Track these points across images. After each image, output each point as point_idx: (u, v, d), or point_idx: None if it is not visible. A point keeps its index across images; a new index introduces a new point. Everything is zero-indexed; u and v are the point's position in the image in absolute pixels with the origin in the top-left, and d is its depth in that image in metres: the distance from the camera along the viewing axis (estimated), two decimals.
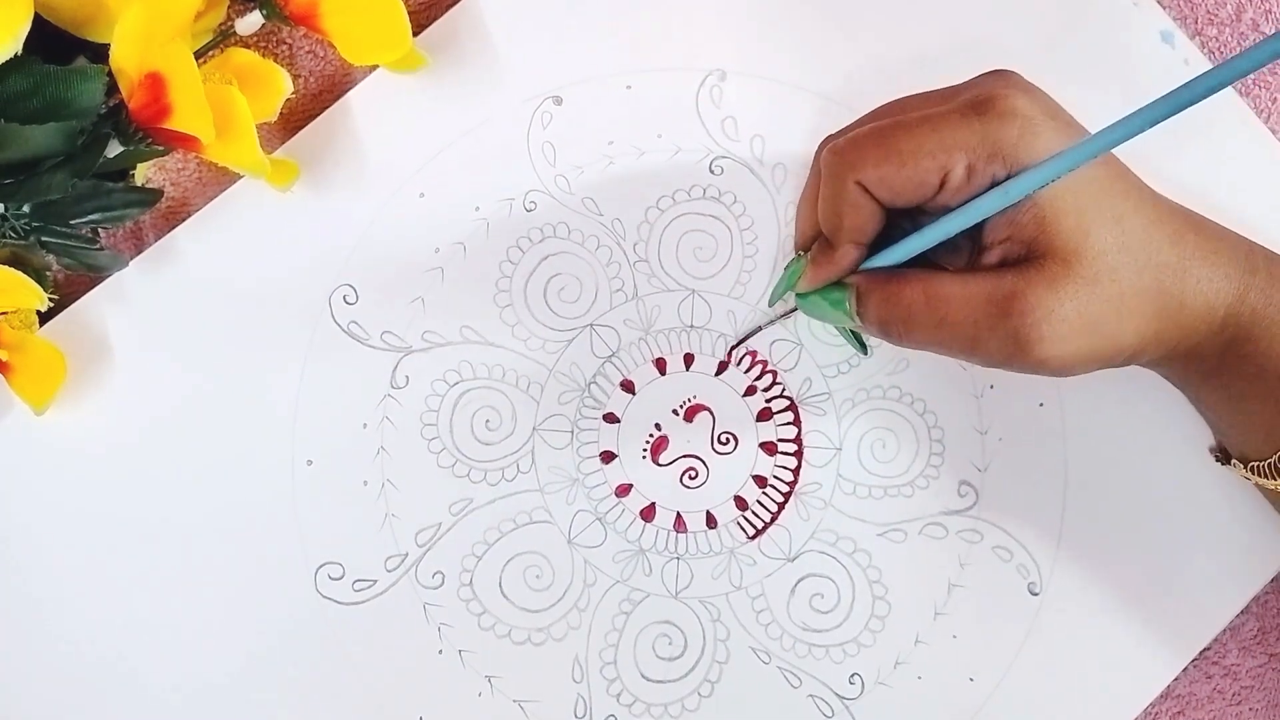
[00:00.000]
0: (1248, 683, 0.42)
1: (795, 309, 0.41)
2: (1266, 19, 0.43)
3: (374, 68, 0.42)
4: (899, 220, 0.36)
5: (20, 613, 0.41)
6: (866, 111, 0.38)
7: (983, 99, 0.33)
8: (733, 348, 0.42)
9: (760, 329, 0.42)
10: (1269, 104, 0.43)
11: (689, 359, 0.42)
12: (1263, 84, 0.43)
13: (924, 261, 0.36)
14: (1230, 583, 0.41)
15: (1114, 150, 0.31)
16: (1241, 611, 0.41)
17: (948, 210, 0.34)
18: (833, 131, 0.38)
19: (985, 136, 0.33)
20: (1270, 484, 0.36)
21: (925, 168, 0.33)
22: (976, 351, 0.34)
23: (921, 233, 0.35)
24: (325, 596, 0.41)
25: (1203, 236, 0.35)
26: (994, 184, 0.33)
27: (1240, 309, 0.34)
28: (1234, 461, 0.38)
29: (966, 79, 0.36)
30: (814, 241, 0.37)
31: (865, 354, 0.41)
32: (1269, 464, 0.36)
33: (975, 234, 0.35)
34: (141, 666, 0.41)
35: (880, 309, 0.35)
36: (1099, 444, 0.41)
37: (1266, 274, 0.35)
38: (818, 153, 0.37)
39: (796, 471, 0.42)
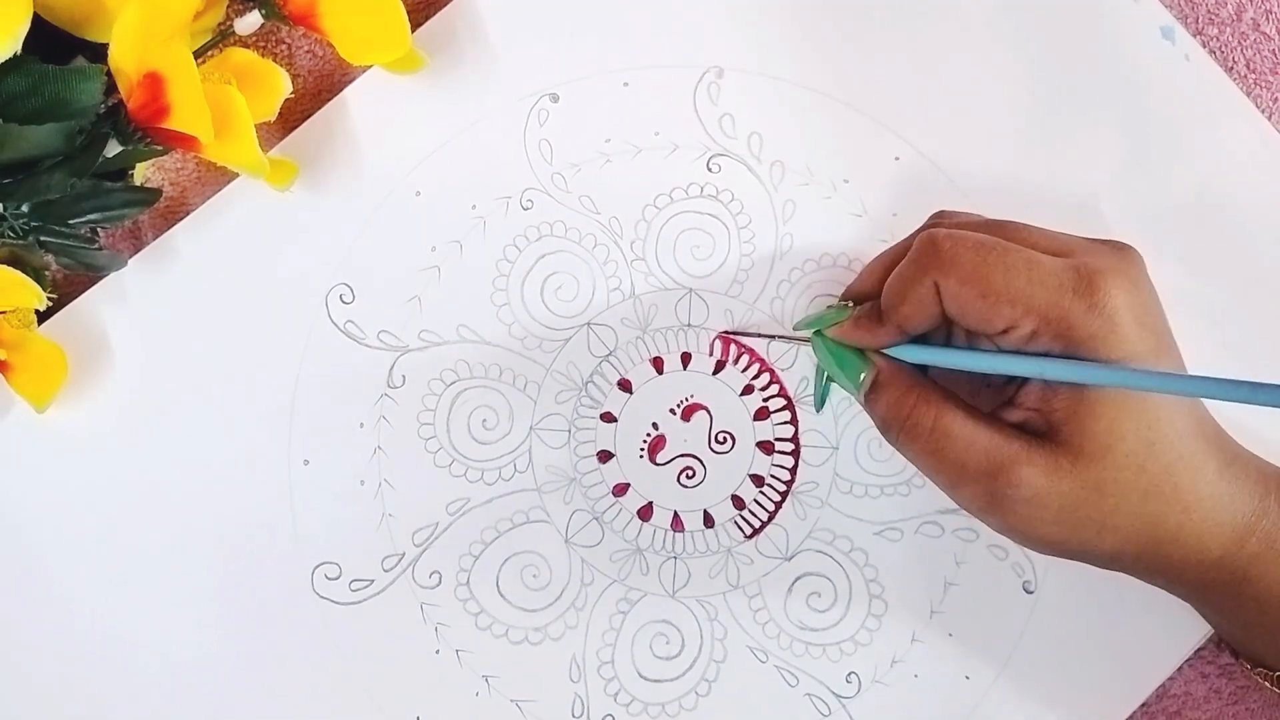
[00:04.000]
0: (1244, 683, 0.41)
1: (804, 339, 0.41)
2: (1267, 18, 0.43)
3: (372, 67, 0.42)
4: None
5: (20, 610, 0.41)
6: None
7: (1086, 278, 0.32)
8: (729, 333, 0.42)
9: (765, 337, 0.41)
10: (1270, 104, 0.43)
11: (686, 358, 0.42)
12: (1264, 83, 0.43)
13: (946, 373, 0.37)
14: None
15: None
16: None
17: (995, 346, 0.35)
18: (947, 210, 0.38)
19: (1067, 316, 0.32)
20: (1273, 688, 0.37)
21: (1000, 311, 0.33)
22: (954, 492, 0.35)
23: (961, 354, 0.35)
24: (322, 596, 0.41)
25: (1225, 475, 0.33)
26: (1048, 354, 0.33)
27: (1239, 552, 0.33)
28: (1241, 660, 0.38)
29: (1092, 236, 0.35)
30: (866, 298, 0.37)
31: (818, 410, 0.41)
32: (1276, 676, 0.36)
33: (1013, 382, 0.35)
34: (139, 664, 0.41)
35: (889, 409, 0.35)
36: None
37: (1278, 515, 0.34)
38: (924, 223, 0.37)
39: (794, 470, 0.41)
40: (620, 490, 0.42)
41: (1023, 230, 0.35)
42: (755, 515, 0.41)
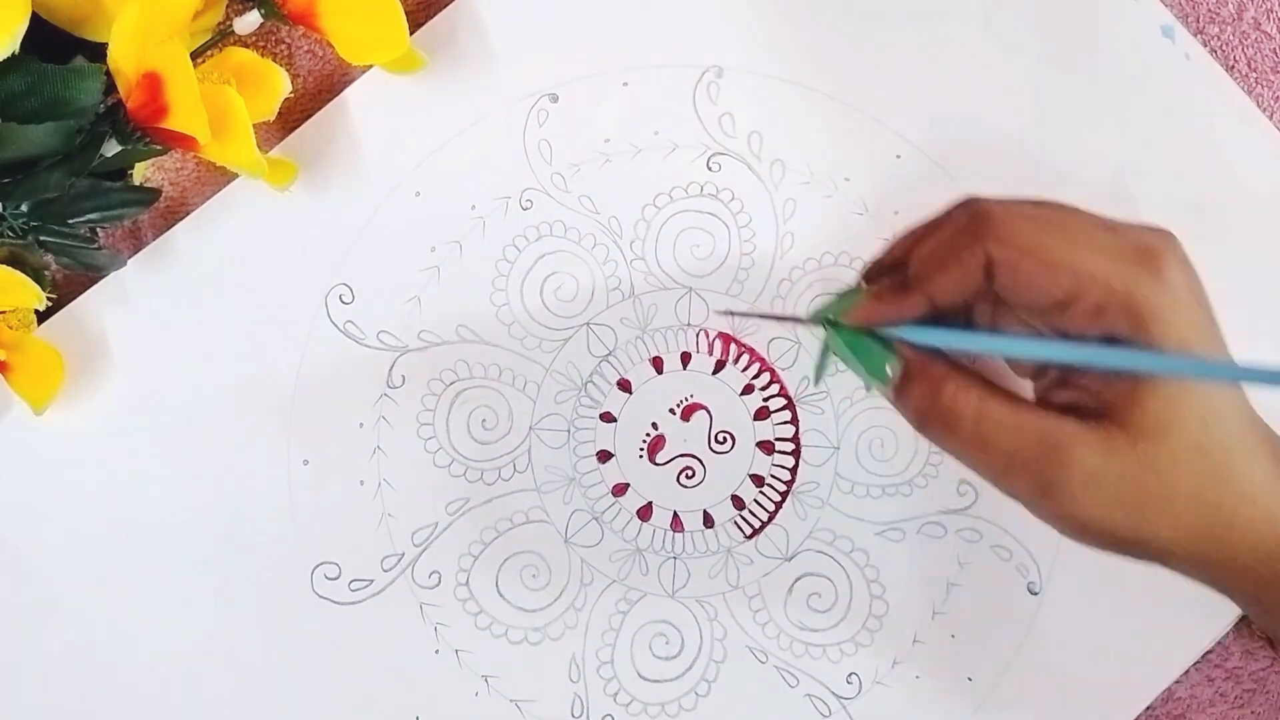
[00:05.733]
0: (1250, 686, 0.41)
1: (813, 322, 0.38)
2: (1268, 17, 0.43)
3: (372, 67, 0.42)
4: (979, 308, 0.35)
5: (19, 610, 0.41)
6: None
7: (1149, 251, 0.31)
8: (732, 312, 0.41)
9: (768, 317, 0.41)
10: (1271, 103, 0.43)
11: (686, 358, 0.42)
12: (1265, 82, 0.43)
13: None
14: None
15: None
16: (1244, 615, 0.41)
17: (1044, 326, 0.33)
18: (974, 195, 0.35)
19: (1136, 288, 0.31)
20: None
21: (1060, 281, 0.31)
22: (1003, 481, 0.33)
23: (1007, 340, 0.33)
24: (322, 596, 0.41)
25: (1279, 465, 0.32)
26: (1109, 337, 0.31)
27: None
28: None
29: (1128, 220, 0.33)
30: (882, 277, 0.35)
31: (815, 384, 0.40)
32: None
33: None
34: (139, 664, 0.41)
35: (923, 400, 0.33)
36: None
37: None
38: (954, 204, 0.35)
39: (794, 470, 0.41)
40: (620, 490, 0.41)
41: (1068, 208, 0.33)
42: (755, 515, 0.41)
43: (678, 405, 0.42)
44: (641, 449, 0.42)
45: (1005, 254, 0.31)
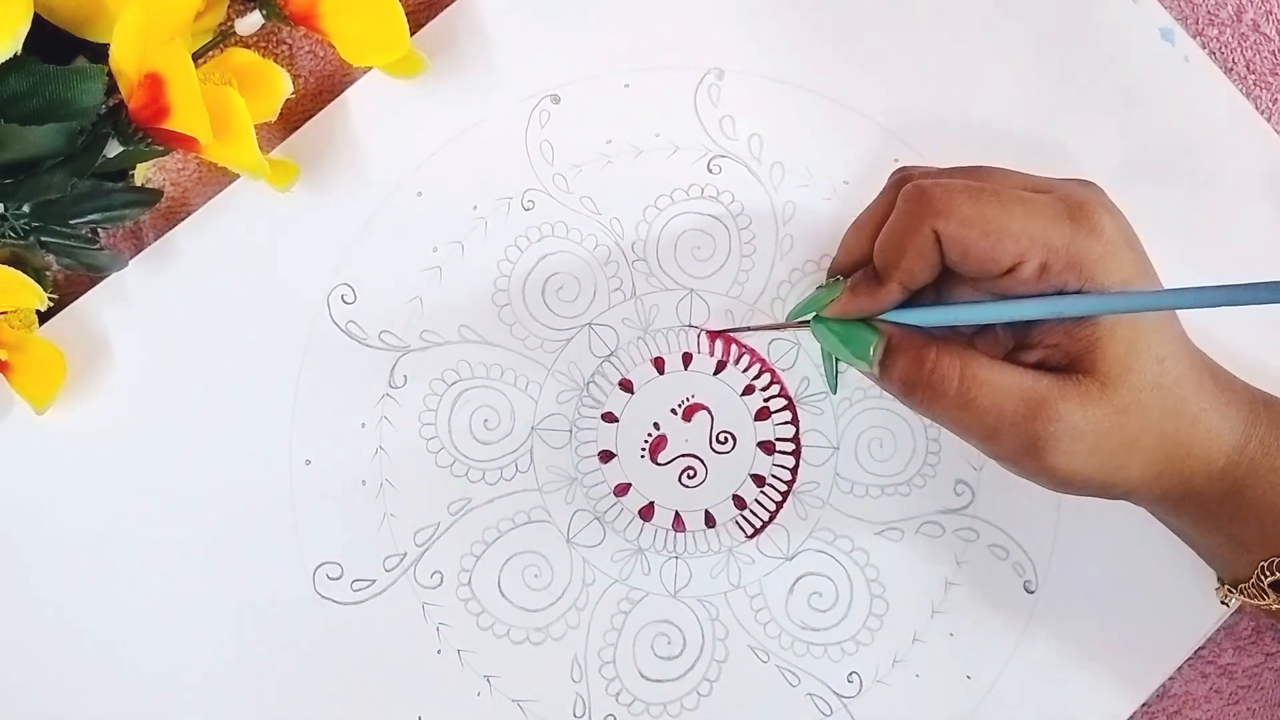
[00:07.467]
0: (1244, 682, 0.42)
1: (802, 324, 0.40)
2: (1267, 19, 0.43)
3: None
4: (947, 282, 0.36)
5: (20, 611, 0.41)
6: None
7: (1077, 205, 0.33)
8: (723, 331, 0.42)
9: (761, 329, 0.41)
10: (1269, 105, 0.43)
11: (687, 358, 0.42)
12: (1264, 84, 0.43)
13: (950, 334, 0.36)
14: None
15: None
16: (1237, 610, 0.41)
17: (996, 292, 0.34)
18: (906, 165, 0.38)
19: (1071, 243, 0.32)
20: (1256, 602, 0.37)
21: (1005, 248, 0.32)
22: (991, 442, 0.34)
23: (974, 307, 0.35)
24: (324, 596, 0.41)
25: (1218, 386, 0.34)
26: (1060, 292, 0.33)
27: (1239, 459, 0.34)
28: (1222, 588, 0.38)
29: (1053, 176, 0.35)
30: (854, 270, 0.37)
31: (834, 392, 0.41)
32: (1250, 584, 0.36)
33: (1019, 327, 0.35)
34: (140, 665, 0.41)
35: (908, 370, 0.34)
36: None
37: (1268, 424, 0.35)
38: (890, 183, 0.37)
39: (794, 470, 0.42)
40: (621, 490, 0.42)
41: (998, 172, 0.35)
42: (756, 515, 0.41)
43: (679, 405, 0.42)
44: (643, 449, 0.42)
45: (950, 230, 0.33)
